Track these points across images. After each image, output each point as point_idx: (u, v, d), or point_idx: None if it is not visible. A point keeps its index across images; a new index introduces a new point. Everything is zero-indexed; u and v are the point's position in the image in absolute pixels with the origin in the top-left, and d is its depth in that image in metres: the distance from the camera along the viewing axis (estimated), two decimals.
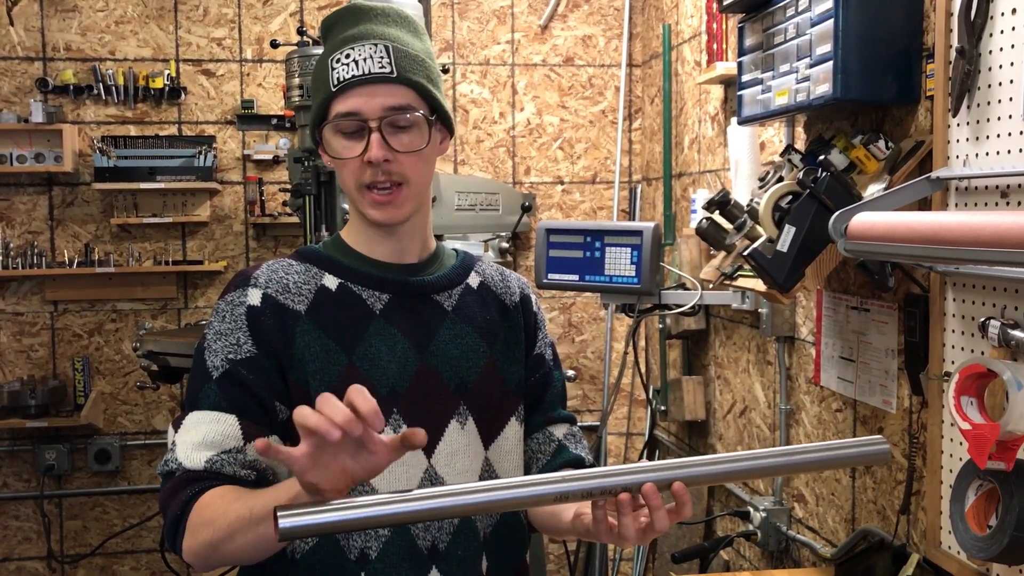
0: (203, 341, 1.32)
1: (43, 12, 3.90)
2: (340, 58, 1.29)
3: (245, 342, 1.29)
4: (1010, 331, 1.54)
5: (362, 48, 1.29)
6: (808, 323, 2.50)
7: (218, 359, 1.28)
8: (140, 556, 4.08)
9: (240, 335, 1.29)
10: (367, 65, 1.28)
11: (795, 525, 2.58)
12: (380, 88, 1.28)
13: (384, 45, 1.30)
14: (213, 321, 1.32)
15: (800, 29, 2.01)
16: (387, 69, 1.28)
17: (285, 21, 4.04)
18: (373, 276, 1.36)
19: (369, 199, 1.30)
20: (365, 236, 1.38)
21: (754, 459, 1.11)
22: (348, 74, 1.28)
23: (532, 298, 1.53)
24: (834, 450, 1.13)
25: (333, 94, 1.29)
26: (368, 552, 1.28)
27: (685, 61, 3.53)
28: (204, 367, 1.29)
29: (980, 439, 1.45)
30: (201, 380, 1.29)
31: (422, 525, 1.30)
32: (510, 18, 4.16)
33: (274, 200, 4.01)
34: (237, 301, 1.31)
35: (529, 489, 1.05)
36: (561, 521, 1.32)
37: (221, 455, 1.23)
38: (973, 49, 1.64)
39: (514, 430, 1.42)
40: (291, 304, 1.31)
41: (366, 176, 1.29)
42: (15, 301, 3.95)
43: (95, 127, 3.96)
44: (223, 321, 1.31)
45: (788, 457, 1.12)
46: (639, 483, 1.09)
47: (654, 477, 1.09)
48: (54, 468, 3.92)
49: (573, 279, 2.58)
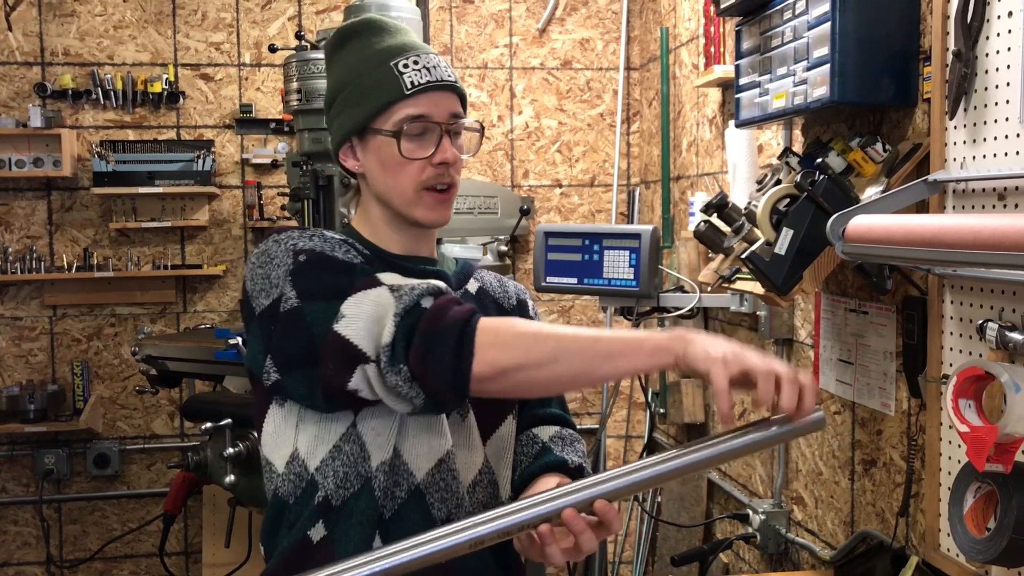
0: (307, 260, 1.27)
1: (41, 17, 3.90)
2: (408, 63, 1.34)
3: (348, 251, 1.30)
4: (1008, 333, 1.54)
5: (428, 57, 1.36)
6: (807, 326, 2.50)
7: (341, 255, 1.28)
8: (139, 560, 4.08)
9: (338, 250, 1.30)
10: (438, 72, 1.35)
11: (794, 528, 2.58)
12: (445, 95, 1.36)
13: (440, 58, 1.38)
14: (300, 245, 1.29)
15: (797, 32, 2.01)
16: (452, 78, 1.37)
17: (283, 25, 4.04)
18: (393, 264, 1.36)
19: (429, 200, 1.35)
20: (385, 233, 1.40)
21: (668, 460, 1.13)
22: (423, 79, 1.33)
23: (529, 302, 1.55)
24: (761, 429, 1.14)
25: (405, 96, 1.32)
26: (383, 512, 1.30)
27: (683, 64, 3.53)
28: (339, 264, 1.27)
29: (978, 441, 1.45)
30: (344, 273, 1.26)
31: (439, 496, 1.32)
32: (508, 22, 4.17)
33: (272, 204, 4.01)
34: (304, 235, 1.31)
35: (444, 541, 1.06)
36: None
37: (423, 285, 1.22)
38: (970, 52, 1.64)
39: (509, 428, 1.45)
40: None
41: (430, 177, 1.33)
42: (14, 306, 3.95)
43: (94, 132, 3.96)
44: (319, 241, 1.30)
45: (712, 448, 1.13)
46: (558, 510, 1.09)
47: (571, 501, 1.10)
48: (53, 473, 3.92)
49: (572, 282, 2.59)
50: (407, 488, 1.30)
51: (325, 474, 1.29)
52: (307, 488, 1.30)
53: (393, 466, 1.29)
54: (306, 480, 1.30)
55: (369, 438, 1.29)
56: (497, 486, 1.42)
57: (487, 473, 1.39)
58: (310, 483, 1.30)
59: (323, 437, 1.30)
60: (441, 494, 1.32)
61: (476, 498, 1.37)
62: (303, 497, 1.31)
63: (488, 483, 1.39)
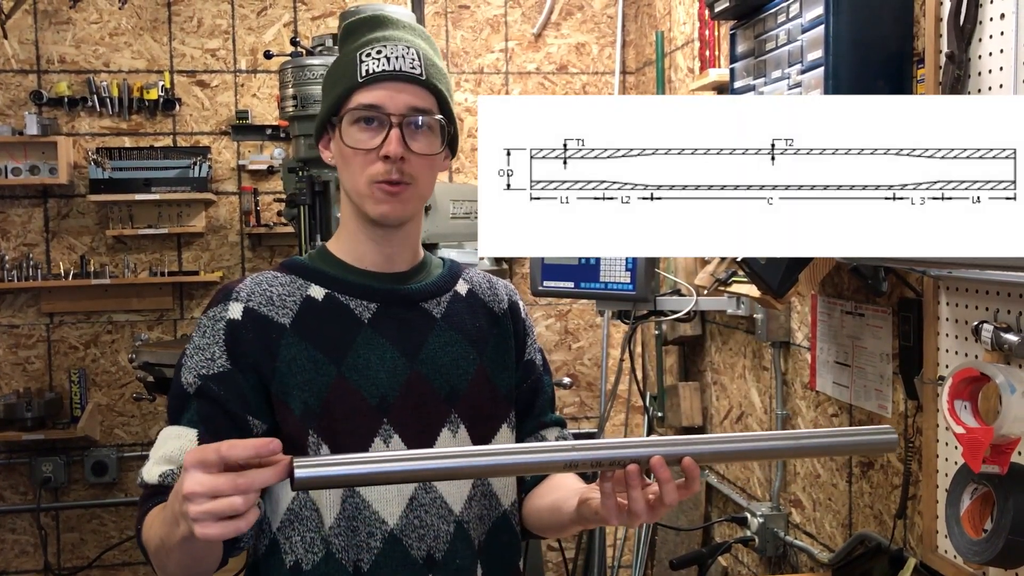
0: (181, 356, 1.32)
1: (37, 25, 3.90)
2: (371, 53, 1.31)
3: (219, 356, 1.28)
4: (1003, 335, 1.55)
5: (395, 47, 1.31)
6: (803, 328, 2.50)
7: (191, 375, 1.29)
8: (137, 568, 4.07)
9: (216, 350, 1.29)
10: (398, 63, 1.30)
11: (792, 530, 2.58)
12: (407, 87, 1.30)
13: (415, 50, 1.33)
14: (193, 336, 1.32)
15: (791, 35, 2.02)
16: (417, 71, 1.31)
17: (279, 32, 4.05)
18: (360, 285, 1.35)
19: (379, 193, 1.30)
20: (355, 243, 1.37)
21: (762, 440, 1.12)
22: (378, 68, 1.30)
23: (520, 305, 1.52)
24: (841, 436, 1.15)
25: (359, 84, 1.30)
26: (360, 565, 1.28)
27: (678, 68, 3.54)
28: (179, 383, 1.30)
29: (974, 443, 1.45)
30: (175, 396, 1.30)
31: (416, 535, 1.29)
32: (504, 27, 4.18)
33: (269, 210, 4.01)
34: (217, 316, 1.31)
35: (540, 456, 1.07)
36: (562, 513, 1.31)
37: (174, 470, 1.24)
38: (963, 54, 1.65)
39: (505, 437, 1.42)
40: (275, 317, 1.31)
41: (379, 171, 1.29)
42: (11, 313, 3.94)
43: (90, 139, 3.96)
44: (202, 336, 1.31)
45: (794, 441, 1.13)
46: (648, 456, 1.09)
47: (663, 451, 1.10)
48: (51, 481, 3.91)
49: (568, 286, 2.59)
50: (381, 537, 1.28)
51: (288, 536, 1.29)
52: (271, 547, 1.31)
53: (357, 518, 1.28)
54: (269, 538, 1.31)
55: (321, 499, 1.28)
56: (495, 497, 1.39)
57: (480, 485, 1.37)
58: (273, 542, 1.30)
59: (279, 494, 1.30)
60: (418, 532, 1.30)
61: (473, 512, 1.35)
62: (272, 559, 1.31)
63: (482, 495, 1.37)
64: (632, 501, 1.11)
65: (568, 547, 3.96)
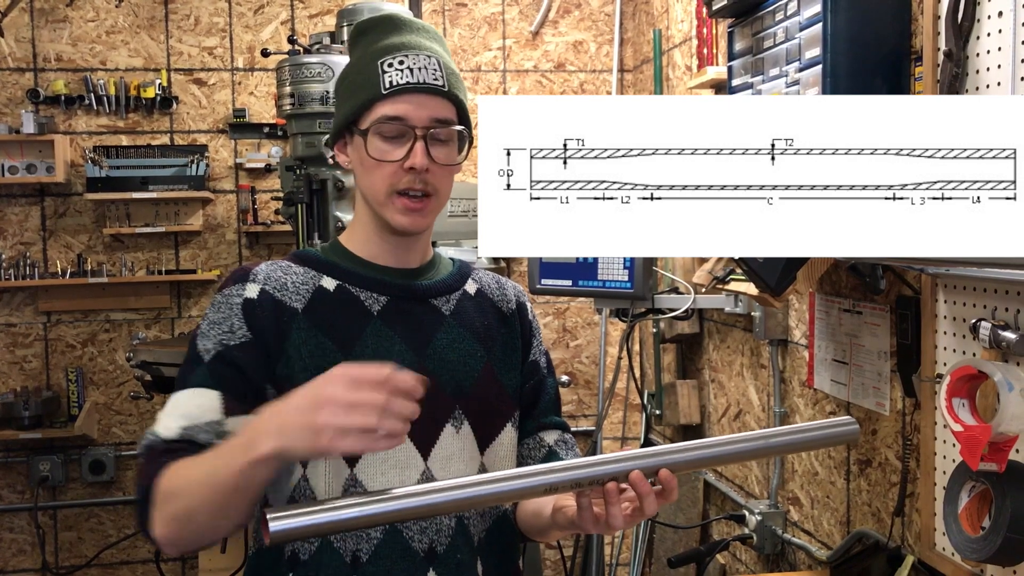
0: (196, 331, 1.32)
1: (34, 23, 3.90)
2: (392, 63, 1.31)
3: (239, 327, 1.29)
4: (1001, 332, 1.55)
5: (416, 57, 1.32)
6: (801, 326, 2.50)
7: (211, 343, 1.28)
8: (136, 567, 4.07)
9: (235, 321, 1.29)
10: (422, 75, 1.31)
11: (790, 528, 2.58)
12: (430, 100, 1.31)
13: (436, 59, 1.33)
14: (208, 313, 1.33)
15: (789, 33, 2.02)
16: (439, 82, 1.32)
17: (276, 30, 4.04)
18: (371, 278, 1.37)
19: (400, 204, 1.31)
20: (370, 241, 1.39)
21: (731, 443, 1.17)
22: (402, 80, 1.30)
23: (528, 306, 1.54)
24: (804, 432, 1.19)
25: (383, 96, 1.30)
26: (359, 555, 1.28)
27: (676, 66, 3.54)
28: (195, 351, 1.29)
29: (972, 441, 1.46)
30: (191, 363, 1.28)
31: (418, 527, 1.30)
32: (501, 25, 4.17)
33: (267, 208, 4.00)
34: (234, 293, 1.32)
35: (517, 482, 1.09)
36: (541, 519, 1.33)
37: (198, 425, 1.22)
38: (960, 52, 1.65)
39: (509, 436, 1.43)
40: (288, 301, 1.32)
41: (402, 182, 1.30)
42: (8, 312, 3.94)
43: (87, 137, 3.95)
44: (218, 311, 1.31)
45: (763, 441, 1.18)
46: (626, 471, 1.12)
47: (640, 464, 1.13)
48: (48, 479, 3.91)
49: (566, 284, 2.59)
50: (381, 528, 1.28)
51: None
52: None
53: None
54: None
55: (320, 486, 1.28)
56: None
57: None
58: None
59: (279, 486, 1.30)
60: (420, 525, 1.30)
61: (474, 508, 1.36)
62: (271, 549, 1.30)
63: None
64: (611, 516, 1.14)
65: (567, 545, 3.96)
